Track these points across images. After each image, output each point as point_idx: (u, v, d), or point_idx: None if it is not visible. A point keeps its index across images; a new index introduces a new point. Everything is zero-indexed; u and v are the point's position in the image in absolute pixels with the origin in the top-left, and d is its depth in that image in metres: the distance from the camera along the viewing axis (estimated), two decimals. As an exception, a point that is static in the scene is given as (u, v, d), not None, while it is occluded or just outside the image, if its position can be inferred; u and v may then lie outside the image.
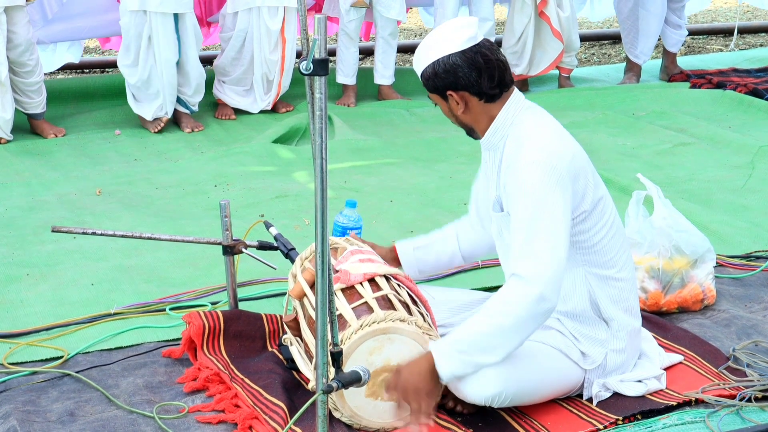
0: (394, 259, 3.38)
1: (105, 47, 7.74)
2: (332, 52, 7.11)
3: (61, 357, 3.45)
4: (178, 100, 6.40)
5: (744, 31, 9.48)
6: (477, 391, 2.90)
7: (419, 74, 3.06)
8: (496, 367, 2.89)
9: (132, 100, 6.38)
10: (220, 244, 3.52)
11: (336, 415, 2.95)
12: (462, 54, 2.95)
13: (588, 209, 3.00)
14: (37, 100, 6.19)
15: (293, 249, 3.46)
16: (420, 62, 3.03)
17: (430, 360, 2.83)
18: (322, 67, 2.41)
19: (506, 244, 3.08)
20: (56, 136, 6.23)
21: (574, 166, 2.94)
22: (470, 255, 3.42)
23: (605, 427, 2.98)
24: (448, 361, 2.82)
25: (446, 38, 2.98)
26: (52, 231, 3.57)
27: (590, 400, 3.10)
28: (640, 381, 3.14)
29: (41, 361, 3.44)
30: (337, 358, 2.69)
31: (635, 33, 7.41)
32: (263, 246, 3.53)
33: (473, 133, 3.09)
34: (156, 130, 6.35)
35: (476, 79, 2.95)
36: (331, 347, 2.67)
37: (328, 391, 2.62)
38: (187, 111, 6.49)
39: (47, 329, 3.66)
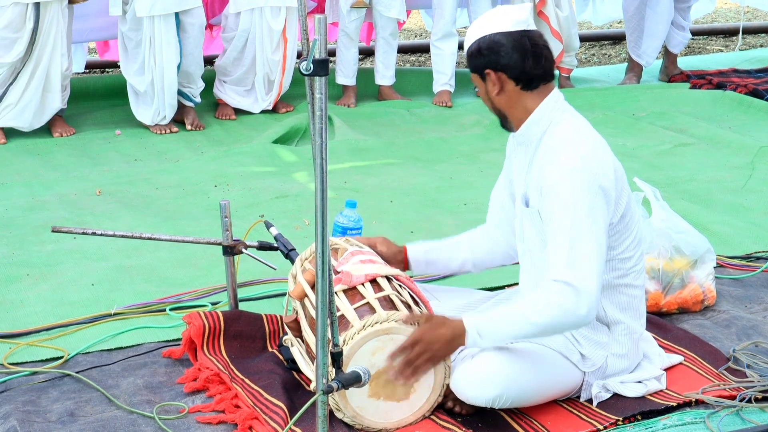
0: (400, 261, 3.33)
1: (104, 57, 7.73)
2: (332, 53, 7.12)
3: (62, 357, 3.45)
4: (181, 94, 6.40)
5: (744, 31, 9.48)
6: (478, 393, 2.91)
7: (466, 54, 3.07)
8: (498, 369, 2.90)
9: (134, 105, 6.39)
10: (220, 244, 3.52)
11: (338, 415, 2.95)
12: (508, 34, 2.96)
13: (622, 219, 3.01)
14: (61, 94, 6.21)
15: (293, 249, 3.46)
16: (467, 40, 3.04)
17: (458, 332, 2.85)
18: (323, 67, 2.41)
19: (527, 239, 3.10)
20: (62, 136, 6.23)
21: (614, 176, 2.95)
22: (482, 263, 3.39)
23: (605, 428, 2.98)
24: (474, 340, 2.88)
25: (496, 19, 2.99)
26: (52, 231, 3.57)
27: (590, 400, 3.10)
28: (640, 382, 3.14)
29: (41, 361, 3.44)
30: (337, 358, 2.69)
31: (640, 32, 7.39)
32: (263, 246, 3.53)
33: (506, 122, 3.08)
34: (160, 132, 6.36)
35: (517, 61, 2.95)
36: (331, 347, 2.67)
37: (327, 391, 2.63)
38: (190, 104, 6.49)
39: (47, 329, 3.66)
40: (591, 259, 2.84)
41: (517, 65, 2.96)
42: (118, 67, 6.51)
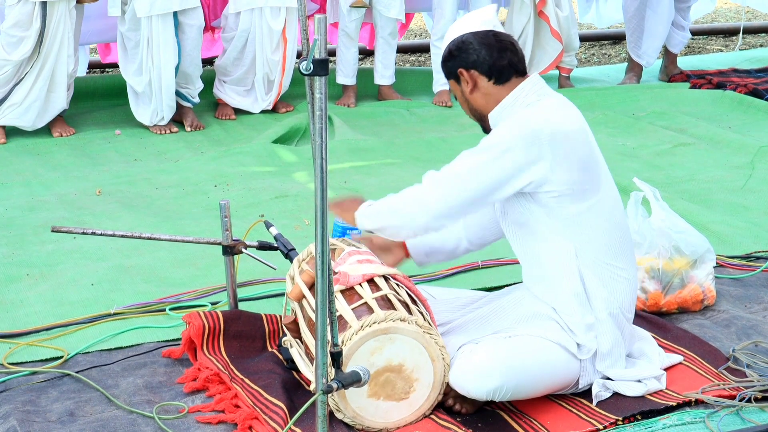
0: (399, 246, 3.38)
1: (105, 60, 7.73)
2: (332, 53, 7.12)
3: (61, 357, 3.45)
4: (179, 95, 6.40)
5: (744, 31, 9.49)
6: (478, 385, 2.92)
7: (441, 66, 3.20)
8: (496, 361, 2.92)
9: (134, 105, 6.39)
10: (219, 244, 3.52)
11: (338, 416, 2.95)
12: (475, 33, 3.09)
13: (583, 194, 3.02)
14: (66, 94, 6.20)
15: (293, 249, 3.46)
16: (443, 51, 3.17)
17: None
18: (322, 67, 2.41)
19: (512, 223, 3.12)
20: (62, 136, 6.24)
21: (567, 140, 2.99)
22: (477, 239, 3.43)
23: (605, 427, 2.97)
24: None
25: (463, 23, 3.13)
26: (52, 231, 3.57)
27: (590, 399, 3.10)
28: (639, 381, 3.14)
29: (41, 361, 3.44)
30: (336, 358, 2.69)
31: (640, 33, 7.39)
32: (263, 246, 3.53)
33: (484, 121, 3.14)
34: (160, 132, 6.36)
35: (485, 56, 3.06)
36: (330, 348, 2.67)
37: (327, 391, 2.63)
38: (189, 104, 6.49)
39: (47, 329, 3.66)
40: (456, 185, 3.02)
41: (485, 60, 3.07)
42: (118, 67, 6.51)
